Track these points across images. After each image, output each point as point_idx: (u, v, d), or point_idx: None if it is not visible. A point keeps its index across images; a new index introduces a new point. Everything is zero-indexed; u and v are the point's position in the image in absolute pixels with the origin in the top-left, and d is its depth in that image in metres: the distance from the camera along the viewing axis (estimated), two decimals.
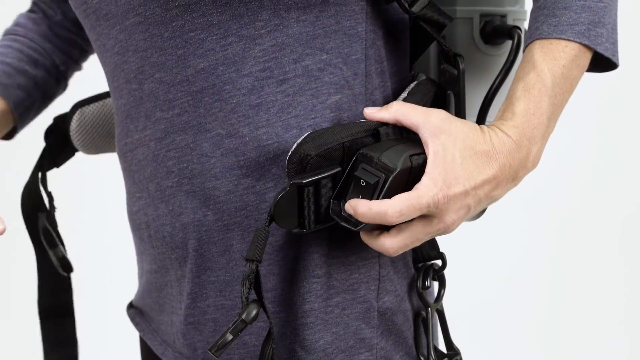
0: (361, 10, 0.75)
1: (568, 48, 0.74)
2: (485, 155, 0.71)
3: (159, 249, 0.82)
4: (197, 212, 0.76)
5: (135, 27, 0.74)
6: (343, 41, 0.74)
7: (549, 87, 0.73)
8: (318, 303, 0.74)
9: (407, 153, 0.69)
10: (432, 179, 0.68)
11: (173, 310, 0.84)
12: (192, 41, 0.72)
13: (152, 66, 0.75)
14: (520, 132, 0.72)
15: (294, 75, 0.73)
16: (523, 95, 0.73)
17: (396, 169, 0.67)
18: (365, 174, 0.68)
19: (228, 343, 0.65)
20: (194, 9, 0.70)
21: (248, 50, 0.72)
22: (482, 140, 0.71)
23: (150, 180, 0.79)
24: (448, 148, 0.69)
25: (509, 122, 0.73)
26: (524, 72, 0.75)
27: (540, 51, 0.74)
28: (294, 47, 0.72)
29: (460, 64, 0.79)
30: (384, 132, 0.72)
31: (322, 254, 0.74)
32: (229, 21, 0.71)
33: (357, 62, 0.75)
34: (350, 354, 0.75)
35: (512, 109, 0.73)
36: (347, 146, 0.70)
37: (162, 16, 0.71)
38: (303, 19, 0.72)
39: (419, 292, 0.81)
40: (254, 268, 0.67)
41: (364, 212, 0.67)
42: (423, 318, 0.81)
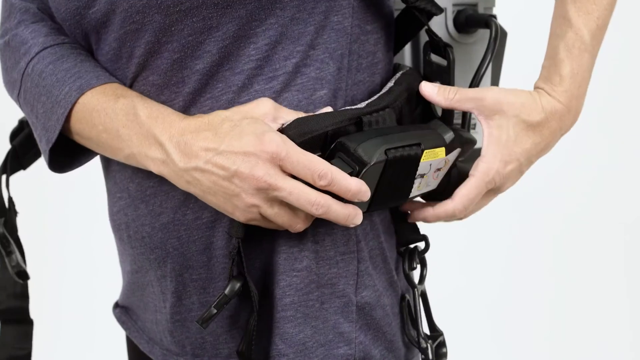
0: (348, 5, 0.75)
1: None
2: (538, 126, 0.78)
3: (138, 250, 0.82)
4: (177, 211, 0.77)
5: (130, 34, 0.73)
6: (330, 36, 0.74)
7: (587, 43, 0.79)
8: (298, 297, 0.75)
9: (384, 146, 0.70)
10: (487, 163, 0.77)
11: (156, 309, 0.84)
12: (189, 45, 0.72)
13: (145, 70, 0.75)
14: (569, 95, 0.79)
15: (283, 72, 0.73)
16: (566, 56, 0.79)
17: (369, 162, 0.69)
18: (340, 163, 0.69)
19: (213, 316, 0.71)
20: (194, 13, 0.70)
21: (242, 49, 0.72)
22: (535, 110, 0.78)
23: (131, 180, 0.80)
24: (502, 127, 0.77)
25: (558, 87, 0.80)
26: (561, 29, 0.80)
27: (573, 6, 0.80)
28: (285, 44, 0.73)
29: (450, 54, 0.81)
30: (367, 120, 0.72)
31: (302, 249, 0.75)
32: (228, 23, 0.71)
33: (341, 57, 0.75)
34: (329, 348, 0.76)
35: (559, 72, 0.80)
36: (331, 134, 0.71)
37: (160, 22, 0.71)
38: (297, 17, 0.72)
39: (406, 273, 0.83)
40: (236, 244, 0.70)
41: (432, 219, 0.80)
42: (408, 301, 0.83)
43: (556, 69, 0.80)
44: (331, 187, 0.67)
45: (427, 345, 0.81)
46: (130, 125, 0.72)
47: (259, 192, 0.67)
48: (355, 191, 0.68)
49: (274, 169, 0.66)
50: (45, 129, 0.78)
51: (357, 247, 0.77)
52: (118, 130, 0.73)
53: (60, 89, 0.76)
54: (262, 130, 0.67)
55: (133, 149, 0.72)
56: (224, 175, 0.67)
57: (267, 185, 0.66)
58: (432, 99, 0.79)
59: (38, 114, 0.78)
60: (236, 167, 0.66)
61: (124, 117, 0.72)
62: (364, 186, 0.69)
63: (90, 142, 0.77)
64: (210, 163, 0.67)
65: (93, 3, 0.74)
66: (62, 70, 0.77)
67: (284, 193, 0.67)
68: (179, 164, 0.69)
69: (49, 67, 0.77)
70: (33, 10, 0.82)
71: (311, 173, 0.66)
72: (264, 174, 0.66)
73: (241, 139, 0.67)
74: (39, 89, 0.78)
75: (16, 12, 0.82)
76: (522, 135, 0.78)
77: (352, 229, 0.77)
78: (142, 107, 0.72)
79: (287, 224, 0.70)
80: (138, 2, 0.71)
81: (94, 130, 0.75)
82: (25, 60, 0.79)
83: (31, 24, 0.81)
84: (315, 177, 0.67)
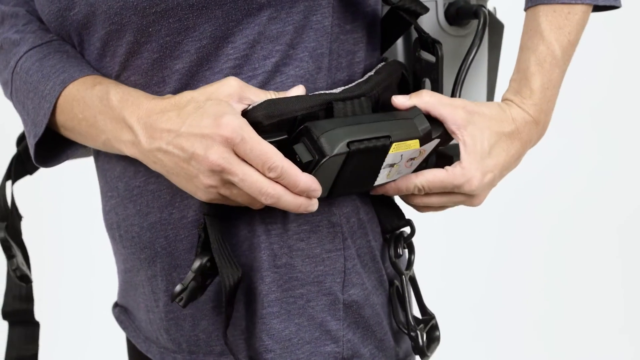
0: (328, 4, 0.75)
1: (571, 14, 0.79)
2: (509, 137, 0.79)
3: (129, 249, 0.82)
4: (164, 210, 0.77)
5: (111, 34, 0.74)
6: (309, 35, 0.74)
7: (558, 58, 0.79)
8: (280, 293, 0.75)
9: (347, 139, 0.69)
10: (464, 169, 0.76)
11: (148, 309, 0.84)
12: (167, 45, 0.73)
13: (127, 70, 0.76)
14: (539, 109, 0.80)
15: (262, 71, 0.73)
16: (537, 70, 0.80)
17: (328, 154, 0.68)
18: (302, 149, 0.69)
19: (180, 292, 0.72)
20: (170, 14, 0.71)
21: (221, 49, 0.72)
22: (505, 121, 0.79)
23: (120, 179, 0.81)
24: (476, 137, 0.76)
25: (528, 100, 0.80)
26: (533, 42, 0.80)
27: (545, 19, 0.79)
28: (264, 44, 0.73)
29: (439, 50, 0.80)
30: (338, 107, 0.72)
31: (284, 245, 0.75)
32: (204, 24, 0.71)
33: (322, 56, 0.75)
34: (316, 345, 0.76)
35: (529, 86, 0.80)
36: (300, 118, 0.70)
37: (138, 23, 0.72)
38: (274, 16, 0.72)
39: (392, 260, 0.82)
40: (202, 221, 0.72)
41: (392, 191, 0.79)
42: (397, 287, 0.82)
43: (527, 82, 0.80)
44: (280, 181, 0.67)
45: (417, 332, 0.80)
46: (104, 110, 0.73)
47: (213, 174, 0.67)
48: (304, 188, 0.68)
49: (228, 152, 0.66)
50: (34, 124, 0.79)
51: (344, 245, 0.77)
52: (95, 116, 0.74)
53: (45, 84, 0.78)
54: (222, 113, 0.67)
55: (108, 134, 0.74)
56: (183, 157, 0.68)
57: (220, 168, 0.66)
58: (406, 105, 0.77)
59: (28, 110, 0.80)
60: (193, 150, 0.67)
61: (99, 103, 0.74)
62: (314, 184, 0.68)
63: (73, 132, 0.78)
64: (171, 144, 0.68)
65: (73, 5, 0.75)
66: (48, 66, 0.78)
67: (236, 178, 0.67)
68: (144, 145, 0.70)
69: (36, 65, 0.79)
70: (22, 14, 0.84)
71: (262, 163, 0.66)
72: (218, 158, 0.66)
73: (201, 120, 0.67)
74: (27, 85, 0.79)
75: (7, 19, 0.84)
76: (496, 147, 0.78)
77: (338, 227, 0.77)
78: (114, 92, 0.73)
79: (248, 203, 0.70)
80: (115, 4, 0.72)
81: (75, 120, 0.76)
82: (15, 59, 0.81)
83: (22, 26, 0.83)
84: (265, 168, 0.66)
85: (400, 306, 0.82)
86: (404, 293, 0.82)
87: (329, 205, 0.77)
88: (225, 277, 0.70)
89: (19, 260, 0.94)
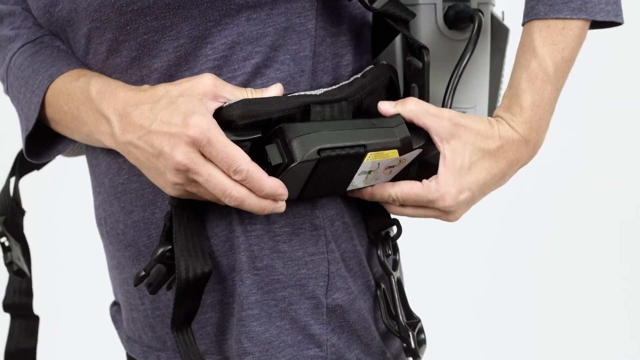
0: (311, 7, 0.74)
1: (566, 30, 0.75)
2: (494, 155, 0.76)
3: (115, 246, 0.83)
4: (146, 209, 0.78)
5: (93, 31, 0.75)
6: (292, 38, 0.74)
7: (551, 75, 0.76)
8: (261, 295, 0.74)
9: (318, 146, 0.68)
10: (439, 185, 0.75)
11: (132, 307, 0.85)
12: (145, 43, 0.73)
13: (108, 68, 0.76)
14: (529, 127, 0.77)
15: (242, 72, 0.73)
16: (528, 87, 0.77)
17: (297, 160, 0.67)
18: (274, 150, 0.68)
19: (142, 277, 0.73)
20: (147, 12, 0.71)
21: (199, 49, 0.72)
22: (491, 138, 0.76)
23: (105, 175, 0.81)
24: (457, 152, 0.74)
25: (517, 117, 0.77)
26: (525, 59, 0.77)
27: (539, 35, 0.76)
28: (243, 45, 0.72)
29: (425, 56, 0.78)
30: (316, 110, 0.71)
31: (265, 247, 0.74)
32: (182, 23, 0.71)
33: (305, 59, 0.75)
34: (299, 349, 0.75)
35: (519, 103, 0.77)
36: (276, 119, 0.70)
37: (116, 21, 0.73)
38: (254, 17, 0.72)
39: (381, 261, 0.81)
40: (170, 211, 0.73)
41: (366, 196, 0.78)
42: (384, 289, 0.81)
43: (517, 99, 0.77)
44: (245, 184, 0.67)
45: (409, 334, 0.79)
46: (85, 101, 0.74)
47: (179, 172, 0.67)
48: (269, 192, 0.67)
49: (194, 152, 0.66)
50: (26, 118, 0.81)
51: (327, 248, 0.76)
52: (78, 108, 0.75)
53: (35, 79, 0.79)
54: (192, 112, 0.67)
55: (90, 126, 0.74)
56: (153, 153, 0.68)
57: (185, 168, 0.67)
58: (390, 112, 0.76)
59: (22, 105, 0.81)
60: (161, 147, 0.67)
61: (81, 95, 0.75)
62: (280, 188, 0.68)
63: (61, 125, 0.79)
64: (142, 140, 0.69)
65: (57, 1, 0.76)
66: (38, 61, 0.79)
67: (201, 179, 0.67)
68: (119, 137, 0.71)
69: (28, 60, 0.80)
70: (19, 11, 0.85)
71: (227, 166, 0.66)
72: (183, 158, 0.66)
73: (171, 118, 0.67)
74: (19, 81, 0.81)
75: (5, 17, 0.86)
76: (477, 164, 0.75)
77: (322, 230, 0.76)
78: (94, 84, 0.74)
79: (215, 200, 0.70)
80: (95, 1, 0.72)
81: (61, 112, 0.77)
82: (9, 55, 0.83)
83: (18, 23, 0.84)
84: (230, 171, 0.66)
85: (391, 307, 0.81)
86: (393, 294, 0.81)
87: (312, 207, 0.76)
88: (182, 268, 0.70)
89: (14, 255, 0.95)
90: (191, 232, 0.72)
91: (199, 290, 0.72)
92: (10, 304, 0.99)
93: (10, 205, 0.97)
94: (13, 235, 0.97)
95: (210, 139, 0.66)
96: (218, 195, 0.67)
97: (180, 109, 0.67)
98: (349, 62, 0.78)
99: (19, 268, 0.96)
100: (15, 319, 1.01)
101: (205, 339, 0.79)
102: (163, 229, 0.73)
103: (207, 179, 0.66)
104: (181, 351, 0.73)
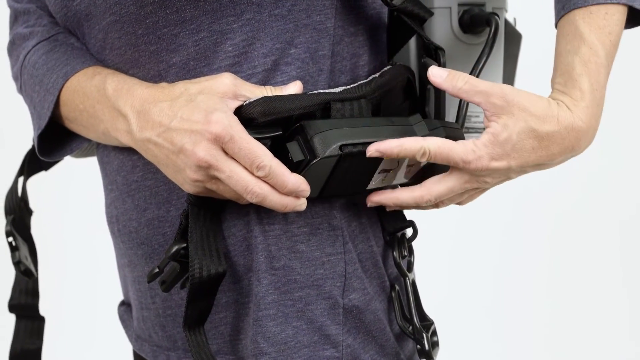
0: (331, 5, 0.74)
1: (609, 15, 0.75)
2: (547, 139, 0.71)
3: (127, 244, 0.82)
4: (161, 207, 0.77)
5: (111, 25, 0.75)
6: (312, 36, 0.74)
7: (602, 58, 0.74)
8: (277, 295, 0.74)
9: (340, 141, 0.68)
10: (476, 145, 0.71)
11: (143, 306, 0.84)
12: (164, 37, 0.73)
13: (126, 63, 0.76)
14: (590, 113, 0.73)
15: (262, 69, 0.73)
16: (583, 71, 0.73)
17: (319, 156, 0.67)
18: (295, 148, 0.68)
19: (155, 274, 0.72)
20: (168, 5, 0.71)
21: (219, 44, 0.72)
22: (549, 121, 0.71)
23: (118, 172, 0.81)
24: (508, 127, 0.70)
25: (580, 102, 0.73)
26: (573, 45, 0.75)
27: (583, 22, 0.75)
28: (264, 41, 0.72)
29: (441, 57, 0.78)
30: (336, 107, 0.71)
31: (283, 247, 0.74)
32: (202, 16, 0.71)
33: (324, 58, 0.75)
34: (314, 349, 0.75)
35: (579, 87, 0.73)
36: (297, 116, 0.70)
37: (136, 14, 0.72)
38: (275, 13, 0.72)
39: (397, 262, 0.81)
40: (186, 209, 0.72)
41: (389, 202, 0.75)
42: (399, 291, 0.81)
43: (575, 83, 0.73)
44: (268, 180, 0.67)
45: (423, 336, 0.79)
46: (102, 100, 0.74)
47: (200, 169, 0.67)
48: (292, 189, 0.67)
49: (216, 149, 0.66)
50: (39, 117, 0.80)
51: (345, 249, 0.76)
52: (94, 106, 0.75)
53: (49, 77, 0.78)
54: (213, 109, 0.67)
55: (106, 124, 0.74)
56: (172, 150, 0.68)
57: (207, 164, 0.66)
58: (440, 85, 0.73)
59: (35, 103, 0.81)
60: (182, 144, 0.67)
61: (96, 93, 0.74)
62: (303, 184, 0.68)
63: (76, 124, 0.79)
64: (161, 137, 0.69)
65: None
66: (53, 59, 0.79)
67: (223, 175, 0.67)
68: (136, 134, 0.71)
69: (42, 58, 0.80)
70: (33, 10, 0.85)
71: (250, 162, 0.66)
72: (205, 154, 0.66)
73: (192, 115, 0.67)
74: (33, 79, 0.80)
75: (20, 16, 0.86)
76: (526, 145, 0.71)
77: (339, 230, 0.76)
78: (110, 81, 0.74)
79: (234, 198, 0.70)
80: None
81: (76, 111, 0.77)
82: (23, 54, 0.82)
83: (33, 21, 0.84)
84: (253, 167, 0.66)
85: (405, 309, 0.81)
86: (408, 296, 0.81)
87: (330, 208, 0.76)
88: (196, 267, 0.70)
89: (22, 254, 0.94)
90: (207, 231, 0.72)
91: (213, 290, 0.72)
92: (16, 304, 0.98)
93: (19, 205, 0.96)
94: (20, 234, 0.96)
95: (233, 136, 0.65)
96: (240, 191, 0.67)
97: (201, 106, 0.67)
98: (366, 62, 0.79)
99: (27, 268, 0.95)
100: (21, 320, 1.00)
101: (218, 339, 0.78)
102: (179, 226, 0.73)
103: (230, 175, 0.66)
104: (193, 351, 0.72)
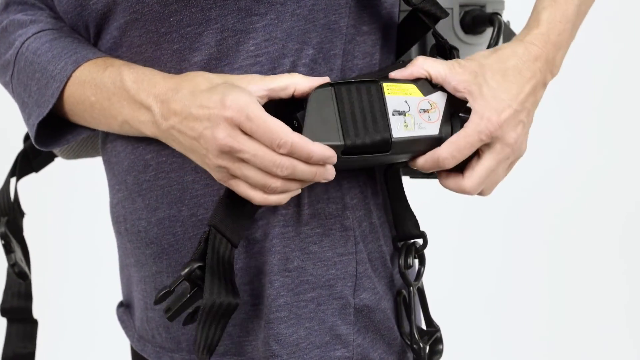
0: (346, 4, 0.75)
1: None
2: (514, 69, 0.74)
3: (134, 244, 0.82)
4: (173, 207, 0.77)
5: (130, 24, 0.74)
6: (326, 36, 0.74)
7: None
8: (290, 297, 0.74)
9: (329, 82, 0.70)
10: (477, 114, 0.71)
11: (147, 307, 0.84)
12: (188, 36, 0.72)
13: (145, 61, 0.75)
14: (545, 39, 0.75)
15: (280, 70, 0.73)
16: (550, 4, 0.77)
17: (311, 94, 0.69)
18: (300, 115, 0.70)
19: (164, 294, 0.71)
20: (193, 3, 0.71)
21: (242, 44, 0.72)
22: (506, 58, 0.74)
23: (128, 172, 0.80)
24: (480, 84, 0.72)
25: (533, 30, 0.76)
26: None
27: None
28: (285, 41, 0.73)
29: (456, 56, 0.79)
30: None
31: (296, 249, 0.74)
32: (227, 15, 0.71)
33: (334, 58, 0.75)
34: (326, 350, 0.75)
35: (537, 17, 0.76)
36: None
37: (160, 12, 0.72)
38: (297, 13, 0.72)
39: (401, 271, 0.80)
40: (207, 230, 0.71)
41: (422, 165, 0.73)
42: (404, 297, 0.81)
43: (536, 15, 0.77)
44: (293, 155, 0.66)
45: (420, 345, 0.79)
46: (119, 92, 0.73)
47: (222, 154, 0.67)
48: (318, 157, 0.66)
49: (234, 130, 0.66)
50: (38, 105, 0.78)
51: (356, 249, 0.77)
52: (109, 98, 0.74)
53: (55, 64, 0.77)
54: (229, 92, 0.66)
55: (126, 116, 0.73)
56: (193, 136, 0.68)
57: (229, 147, 0.66)
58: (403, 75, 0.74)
59: (32, 91, 0.79)
60: (201, 129, 0.67)
61: (112, 85, 0.73)
62: (328, 150, 0.67)
63: (84, 115, 0.77)
64: (182, 124, 0.69)
65: None
66: (59, 47, 0.77)
67: (247, 155, 0.66)
68: (161, 124, 0.70)
69: (45, 45, 0.78)
70: (31, 2, 0.83)
71: (270, 141, 0.66)
72: (225, 136, 0.66)
73: (209, 100, 0.67)
74: (33, 66, 0.78)
75: (13, 5, 0.84)
76: (502, 82, 0.73)
77: (351, 231, 0.76)
78: (128, 73, 0.73)
79: (261, 184, 0.68)
80: None
81: (86, 102, 0.76)
82: (21, 40, 0.80)
83: (34, 11, 0.82)
84: (274, 146, 0.66)
85: (406, 317, 0.81)
86: (410, 304, 0.81)
87: (342, 209, 0.76)
88: (208, 296, 0.69)
89: (17, 256, 0.93)
90: (227, 261, 0.71)
91: (224, 321, 0.71)
92: (8, 307, 0.97)
93: (12, 207, 0.95)
94: (14, 236, 0.95)
95: (249, 115, 0.65)
96: (268, 167, 0.66)
97: (218, 90, 0.67)
98: (377, 61, 0.79)
99: (21, 270, 0.94)
100: (13, 323, 0.98)
101: (225, 340, 0.78)
102: (197, 246, 0.72)
103: (254, 153, 0.66)
104: None
